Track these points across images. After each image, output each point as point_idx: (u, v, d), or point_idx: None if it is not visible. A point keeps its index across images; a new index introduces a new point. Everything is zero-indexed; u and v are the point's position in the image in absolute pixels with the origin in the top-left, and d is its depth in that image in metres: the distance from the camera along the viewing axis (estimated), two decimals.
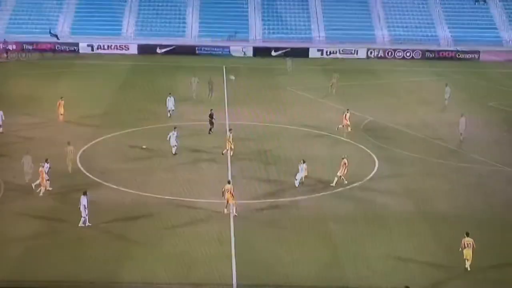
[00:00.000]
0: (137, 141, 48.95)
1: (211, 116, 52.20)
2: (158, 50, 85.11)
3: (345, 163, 41.93)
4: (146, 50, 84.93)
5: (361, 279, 31.17)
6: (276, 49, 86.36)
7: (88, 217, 34.95)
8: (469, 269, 31.51)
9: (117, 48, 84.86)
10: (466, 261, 31.59)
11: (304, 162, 41.68)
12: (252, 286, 30.29)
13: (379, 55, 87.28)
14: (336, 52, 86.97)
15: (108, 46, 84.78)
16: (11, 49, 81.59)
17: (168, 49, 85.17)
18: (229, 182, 38.10)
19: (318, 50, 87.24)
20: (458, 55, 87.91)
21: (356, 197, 40.69)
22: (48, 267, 31.03)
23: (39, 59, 79.18)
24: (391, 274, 31.59)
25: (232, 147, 46.10)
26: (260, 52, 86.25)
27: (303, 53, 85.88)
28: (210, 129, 51.82)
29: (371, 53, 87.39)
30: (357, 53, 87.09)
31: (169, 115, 55.33)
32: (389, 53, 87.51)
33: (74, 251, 32.60)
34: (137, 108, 58.05)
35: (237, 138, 47.71)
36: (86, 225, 34.92)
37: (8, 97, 60.35)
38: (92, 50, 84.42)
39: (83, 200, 34.87)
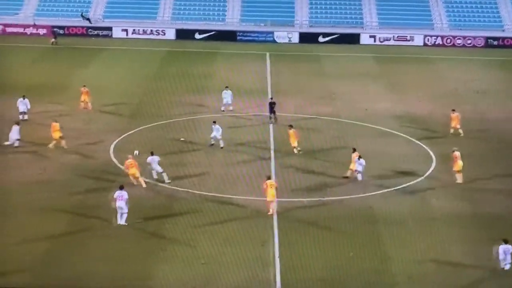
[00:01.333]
0: (174, 133, 49.44)
1: (271, 104, 52.49)
2: (197, 36, 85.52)
3: (456, 156, 41.79)
4: (183, 35, 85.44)
5: (410, 285, 31.18)
6: (324, 35, 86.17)
7: (122, 215, 35.54)
8: None
9: (153, 33, 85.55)
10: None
11: (360, 157, 41.64)
12: None
13: (436, 43, 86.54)
14: (390, 38, 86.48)
15: (143, 31, 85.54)
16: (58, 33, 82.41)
17: (207, 34, 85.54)
18: (269, 178, 38.34)
19: (371, 37, 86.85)
20: None
21: (408, 196, 40.58)
22: (79, 263, 31.61)
23: (70, 44, 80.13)
24: (440, 279, 31.49)
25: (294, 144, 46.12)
26: (307, 38, 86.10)
27: (353, 39, 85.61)
28: (273, 118, 52.10)
29: (428, 40, 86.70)
30: (413, 40, 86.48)
31: (223, 108, 55.42)
32: (448, 40, 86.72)
33: (107, 247, 33.15)
34: (174, 97, 58.47)
35: (281, 132, 47.90)
36: (122, 221, 35.51)
37: (36, 84, 61.34)
38: (127, 35, 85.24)
39: (118, 194, 35.49)
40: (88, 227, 35.41)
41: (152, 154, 41.60)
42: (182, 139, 48.46)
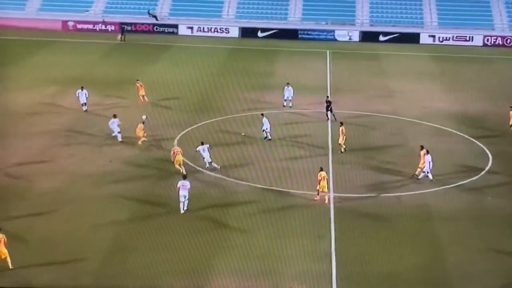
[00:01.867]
0: (236, 128, 49.87)
1: (327, 103, 52.57)
2: (259, 34, 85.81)
3: None
4: (247, 33, 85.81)
5: (465, 281, 31.01)
6: (385, 34, 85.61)
7: (185, 203, 36.29)
8: None
9: (217, 31, 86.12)
10: None
11: (428, 152, 41.29)
12: (352, 286, 30.55)
13: (497, 43, 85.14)
14: (449, 38, 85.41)
15: (208, 29, 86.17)
16: (125, 30, 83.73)
17: (269, 32, 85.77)
18: (321, 169, 38.50)
19: (430, 36, 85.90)
20: None
21: (464, 194, 40.19)
22: (145, 251, 32.31)
23: (137, 41, 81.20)
24: (493, 277, 31.21)
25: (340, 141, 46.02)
26: (367, 37, 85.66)
27: (413, 38, 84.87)
28: (331, 116, 52.10)
29: (488, 40, 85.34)
30: (472, 40, 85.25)
31: (284, 104, 55.69)
32: (508, 40, 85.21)
33: (171, 236, 33.70)
34: (236, 93, 58.69)
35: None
36: (184, 210, 36.30)
37: (104, 78, 62.50)
38: (192, 32, 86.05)
39: (182, 183, 36.37)
40: (153, 216, 36.14)
41: (202, 144, 42.38)
42: (243, 133, 48.82)
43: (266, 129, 47.77)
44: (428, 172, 41.10)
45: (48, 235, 33.69)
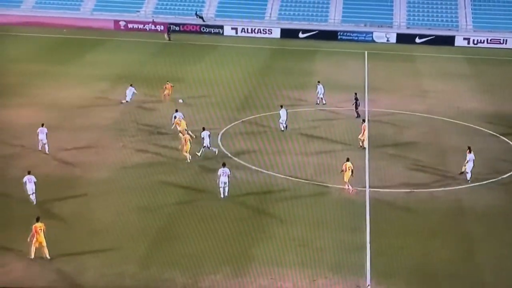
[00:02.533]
0: (275, 124, 49.64)
1: (356, 99, 52.28)
2: (300, 35, 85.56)
3: None
4: (288, 34, 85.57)
5: (495, 276, 30.50)
6: (421, 36, 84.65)
7: (225, 189, 36.89)
8: None
9: (260, 32, 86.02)
10: None
11: (470, 151, 40.67)
12: (386, 277, 30.26)
13: None
14: (483, 41, 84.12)
15: (251, 30, 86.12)
16: (172, 30, 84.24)
17: (310, 34, 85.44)
18: (348, 160, 38.30)
19: (465, 39, 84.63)
20: None
21: (497, 191, 39.60)
22: (191, 240, 32.37)
23: (184, 40, 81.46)
24: None
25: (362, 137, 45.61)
26: (404, 38, 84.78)
27: (448, 41, 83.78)
28: (358, 113, 51.88)
29: None
30: (506, 43, 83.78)
31: (317, 102, 55.49)
32: None
33: (214, 226, 33.78)
34: (277, 91, 58.23)
35: (375, 126, 47.54)
36: (224, 195, 36.95)
37: (153, 76, 62.73)
38: (236, 33, 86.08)
39: (222, 171, 37.08)
40: (197, 205, 36.38)
41: (203, 129, 43.13)
42: (282, 129, 48.71)
43: (283, 121, 48.10)
44: (468, 170, 40.45)
45: (96, 222, 34.02)
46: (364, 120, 46.79)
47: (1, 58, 69.01)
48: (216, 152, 43.14)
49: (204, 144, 43.03)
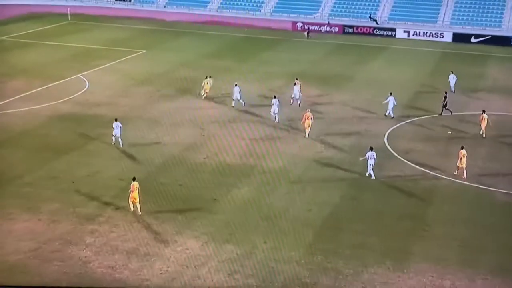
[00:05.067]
0: (443, 126, 48.62)
1: (445, 98, 51.00)
2: (472, 39, 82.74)
3: None
4: (459, 38, 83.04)
5: None
6: None
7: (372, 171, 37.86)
8: None
9: (431, 36, 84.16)
10: None
11: None
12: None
13: None
14: None
15: (423, 33, 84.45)
16: (312, 29, 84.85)
17: (482, 38, 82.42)
18: (462, 148, 38.76)
19: None
20: None
21: None
22: (348, 231, 32.66)
23: (357, 42, 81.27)
24: None
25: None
26: None
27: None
28: (444, 111, 50.69)
29: None
30: None
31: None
32: None
33: (369, 223, 33.85)
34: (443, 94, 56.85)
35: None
36: (372, 177, 38.48)
37: (322, 74, 63.13)
38: (408, 36, 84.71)
39: (370, 154, 38.66)
40: (358, 198, 36.49)
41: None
42: (449, 132, 47.55)
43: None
44: None
45: (263, 209, 34.87)
46: (484, 111, 45.97)
47: (196, 53, 72.26)
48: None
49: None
